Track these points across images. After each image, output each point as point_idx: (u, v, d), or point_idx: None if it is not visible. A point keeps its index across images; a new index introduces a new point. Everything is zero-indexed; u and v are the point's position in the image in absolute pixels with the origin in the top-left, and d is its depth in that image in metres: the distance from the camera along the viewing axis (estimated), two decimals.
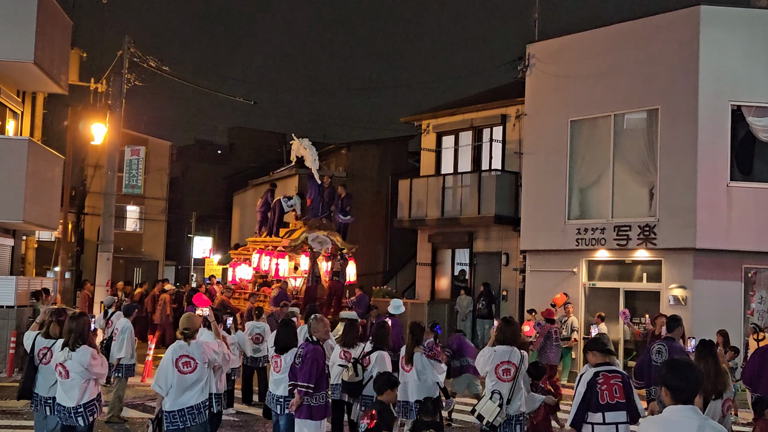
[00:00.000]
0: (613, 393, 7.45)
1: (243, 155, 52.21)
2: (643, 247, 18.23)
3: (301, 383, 8.62)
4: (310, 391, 8.62)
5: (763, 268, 17.82)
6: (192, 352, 8.16)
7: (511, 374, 8.54)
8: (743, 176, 17.85)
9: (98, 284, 20.10)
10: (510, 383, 8.51)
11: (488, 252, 23.88)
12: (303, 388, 8.62)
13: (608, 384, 7.46)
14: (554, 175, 20.00)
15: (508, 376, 8.54)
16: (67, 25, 19.68)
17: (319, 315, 9.71)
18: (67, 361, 8.03)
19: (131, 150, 25.37)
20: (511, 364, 8.56)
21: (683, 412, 4.38)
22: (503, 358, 8.59)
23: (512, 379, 8.53)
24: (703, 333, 13.83)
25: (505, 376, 8.54)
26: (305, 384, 8.61)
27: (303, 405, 8.66)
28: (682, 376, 4.46)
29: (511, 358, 8.58)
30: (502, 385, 8.52)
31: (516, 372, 8.53)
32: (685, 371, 4.50)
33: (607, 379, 7.48)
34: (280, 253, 21.98)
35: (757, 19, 18.23)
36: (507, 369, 8.56)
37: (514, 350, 8.63)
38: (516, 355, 8.60)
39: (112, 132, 20.63)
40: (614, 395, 7.44)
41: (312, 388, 8.63)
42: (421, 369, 9.74)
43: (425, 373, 9.73)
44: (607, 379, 7.49)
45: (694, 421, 4.33)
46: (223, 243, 43.77)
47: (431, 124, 25.99)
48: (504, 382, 8.53)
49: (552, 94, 20.40)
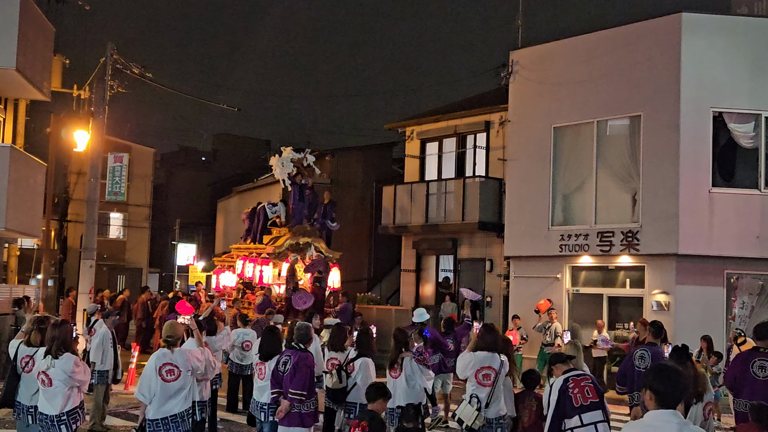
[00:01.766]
0: (585, 394, 7.50)
1: (227, 162, 52.17)
2: (626, 253, 18.30)
3: (293, 390, 8.60)
4: (303, 399, 8.62)
5: (745, 274, 17.93)
6: (175, 359, 8.14)
7: (491, 379, 8.72)
8: (725, 182, 17.96)
9: (81, 292, 19.94)
10: (489, 388, 8.69)
11: (472, 258, 23.93)
12: (296, 395, 8.60)
13: (579, 387, 7.51)
14: (538, 182, 20.07)
15: (488, 380, 8.72)
16: (49, 31, 19.60)
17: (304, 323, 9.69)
18: (50, 369, 7.98)
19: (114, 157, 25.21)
20: (491, 369, 8.75)
21: (663, 417, 4.39)
22: (484, 363, 8.78)
23: (492, 384, 8.71)
24: (686, 338, 13.90)
25: (485, 381, 8.73)
26: (298, 392, 8.59)
27: (294, 412, 8.65)
28: (668, 380, 4.47)
29: (491, 363, 8.77)
30: (481, 389, 8.71)
31: (496, 377, 8.71)
32: (672, 376, 4.50)
33: (577, 383, 7.54)
34: (264, 260, 21.95)
35: (738, 26, 18.36)
36: (487, 374, 8.75)
37: (495, 356, 8.82)
38: (496, 361, 8.79)
39: (95, 139, 20.51)
40: (587, 396, 7.49)
41: (305, 396, 8.63)
42: (411, 374, 9.75)
43: (414, 379, 9.74)
44: (577, 382, 7.55)
45: (673, 425, 4.34)
46: (207, 250, 43.65)
47: (415, 130, 26.05)
48: (483, 386, 8.72)
49: (535, 101, 20.48)
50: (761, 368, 9.41)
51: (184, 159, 55.31)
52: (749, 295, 17.91)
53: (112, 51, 20.57)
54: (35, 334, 8.72)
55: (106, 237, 39.18)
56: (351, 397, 9.82)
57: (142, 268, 42.29)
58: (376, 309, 24.27)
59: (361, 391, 9.72)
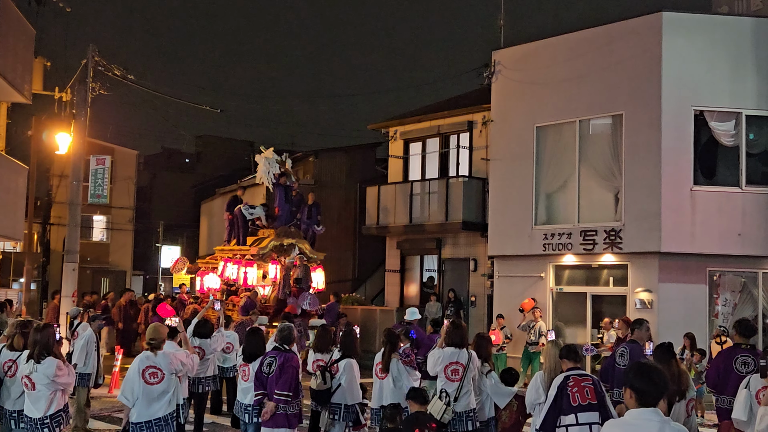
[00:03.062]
0: (584, 395, 7.50)
1: (211, 163, 52.05)
2: (609, 252, 18.38)
3: (278, 392, 8.60)
4: (288, 400, 8.62)
5: (727, 271, 18.04)
6: (159, 362, 8.13)
7: (459, 374, 9.04)
8: (706, 180, 18.06)
9: (64, 295, 19.83)
10: (458, 383, 9.01)
11: (456, 258, 23.97)
12: (282, 396, 8.60)
13: (579, 386, 7.52)
14: (521, 181, 20.12)
15: (456, 375, 9.04)
16: (30, 33, 19.50)
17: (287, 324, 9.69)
18: (33, 373, 7.94)
19: (97, 159, 25.12)
20: (459, 365, 9.07)
21: (644, 415, 4.42)
22: (452, 359, 9.12)
23: (460, 379, 9.02)
24: (669, 336, 13.98)
25: (453, 376, 9.05)
26: (284, 393, 8.59)
27: (280, 414, 8.65)
28: (647, 378, 4.49)
29: (459, 358, 9.11)
30: (450, 384, 9.02)
31: (464, 372, 9.02)
32: (652, 374, 4.52)
33: (577, 382, 7.54)
34: (248, 262, 21.89)
35: (719, 25, 18.48)
36: (455, 369, 9.07)
37: (462, 351, 9.16)
38: (464, 356, 9.12)
39: (77, 141, 20.39)
40: (586, 397, 7.50)
41: (291, 397, 8.63)
42: (397, 375, 9.77)
43: (401, 380, 9.76)
44: (577, 381, 7.55)
45: (654, 423, 4.36)
46: (191, 252, 43.52)
47: (398, 131, 26.06)
48: (452, 381, 9.04)
49: (518, 101, 20.53)
50: (744, 364, 9.45)
51: (167, 161, 55.12)
52: (731, 293, 18.02)
53: (94, 53, 20.47)
54: (18, 338, 8.68)
55: (89, 240, 38.95)
56: (335, 398, 9.82)
57: (126, 270, 42.09)
58: (360, 310, 24.27)
59: (346, 392, 9.74)
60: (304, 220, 23.39)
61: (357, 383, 9.94)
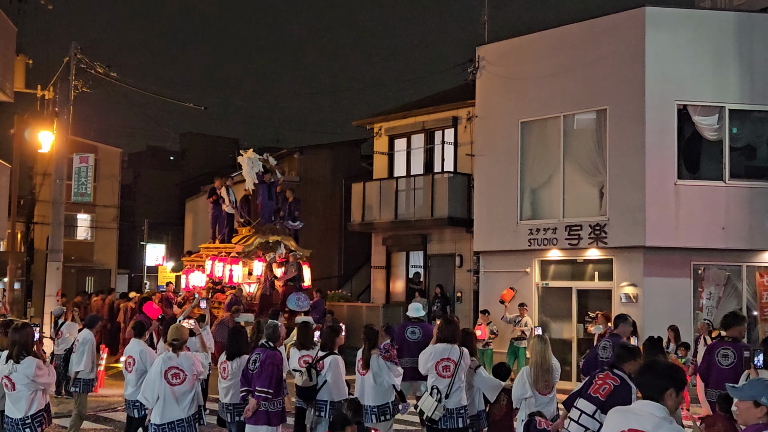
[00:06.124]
0: (600, 390, 7.36)
1: (195, 161, 51.87)
2: (594, 246, 18.42)
3: (259, 389, 8.58)
4: (269, 397, 8.59)
5: (712, 265, 18.11)
6: (181, 363, 8.13)
7: (450, 371, 8.99)
8: (690, 174, 18.11)
9: (48, 294, 19.73)
10: (449, 379, 8.96)
11: (442, 254, 23.97)
12: (262, 393, 8.57)
13: (603, 380, 7.28)
14: (506, 176, 20.13)
15: (447, 372, 8.99)
16: (11, 31, 19.39)
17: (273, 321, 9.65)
18: (12, 373, 7.89)
19: (80, 157, 24.92)
20: (450, 361, 9.02)
21: (649, 408, 4.57)
22: (443, 355, 9.07)
23: (451, 375, 8.97)
24: (654, 330, 14.06)
25: (444, 373, 9.00)
26: (264, 390, 8.57)
27: (261, 411, 8.63)
28: (648, 372, 4.77)
29: (450, 355, 9.05)
30: (441, 381, 8.98)
31: (455, 368, 8.96)
32: (653, 367, 4.81)
33: (604, 379, 7.29)
34: (234, 259, 21.84)
35: (702, 19, 18.54)
36: (446, 366, 9.03)
37: (454, 347, 9.09)
38: (455, 352, 9.05)
39: (60, 139, 20.27)
40: (599, 392, 7.38)
41: (271, 394, 8.60)
42: (378, 371, 9.71)
43: (381, 376, 9.70)
44: (604, 378, 7.29)
45: (655, 417, 4.50)
46: (176, 250, 43.38)
47: (383, 127, 26.03)
48: (443, 378, 8.98)
49: (502, 96, 20.53)
50: (724, 356, 9.59)
51: (152, 158, 54.90)
52: (716, 286, 18.09)
53: (76, 50, 20.36)
54: (0, 338, 8.63)
55: (73, 238, 38.78)
56: (321, 394, 9.78)
57: (110, 269, 41.95)
58: (346, 306, 24.24)
59: (332, 389, 9.70)
60: (285, 216, 23.37)
61: (343, 380, 9.90)
